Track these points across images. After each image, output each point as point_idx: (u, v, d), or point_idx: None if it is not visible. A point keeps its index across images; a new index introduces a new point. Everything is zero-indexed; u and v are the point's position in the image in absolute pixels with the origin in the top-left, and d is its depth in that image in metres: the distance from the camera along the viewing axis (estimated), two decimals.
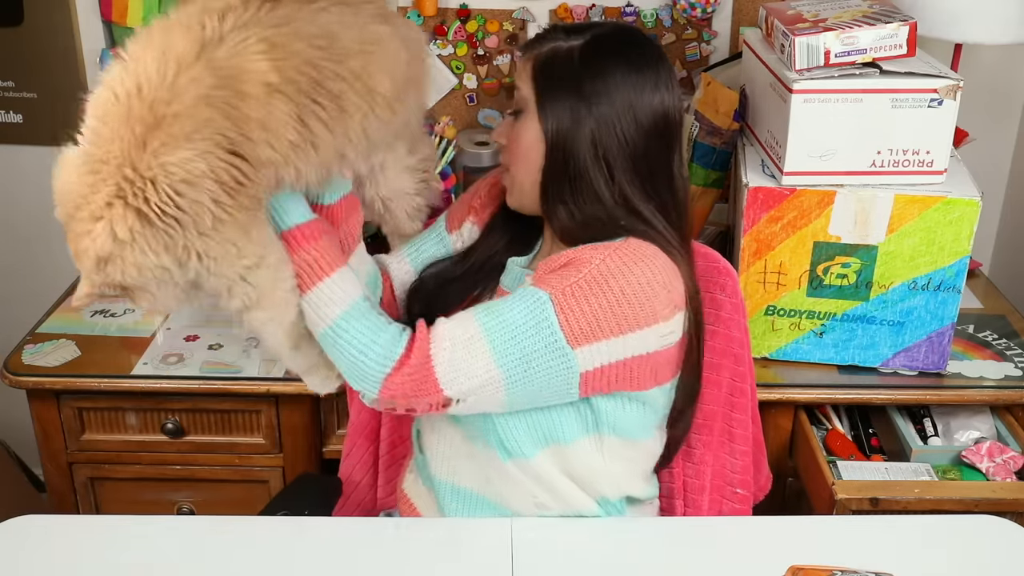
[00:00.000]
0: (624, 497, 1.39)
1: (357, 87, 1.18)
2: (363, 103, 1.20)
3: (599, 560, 1.30)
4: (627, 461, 1.36)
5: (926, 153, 1.64)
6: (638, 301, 1.23)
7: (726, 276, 1.45)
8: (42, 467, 1.87)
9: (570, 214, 1.29)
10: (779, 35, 1.68)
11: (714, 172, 1.92)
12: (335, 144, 1.18)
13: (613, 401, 1.29)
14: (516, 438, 1.30)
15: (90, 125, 1.17)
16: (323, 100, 1.15)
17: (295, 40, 1.14)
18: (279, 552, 1.32)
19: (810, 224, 1.68)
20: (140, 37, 1.16)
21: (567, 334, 1.21)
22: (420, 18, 2.22)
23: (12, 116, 2.32)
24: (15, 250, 2.46)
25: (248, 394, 1.77)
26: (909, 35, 1.60)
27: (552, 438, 1.31)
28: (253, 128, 1.11)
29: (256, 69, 1.11)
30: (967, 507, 1.57)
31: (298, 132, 1.14)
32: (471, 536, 1.34)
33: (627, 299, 1.22)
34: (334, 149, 1.19)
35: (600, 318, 1.21)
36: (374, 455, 1.61)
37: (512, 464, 1.32)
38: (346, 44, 1.18)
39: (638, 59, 1.28)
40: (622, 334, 1.23)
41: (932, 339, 1.74)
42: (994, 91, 2.28)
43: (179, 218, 1.10)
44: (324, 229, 1.25)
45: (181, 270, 1.15)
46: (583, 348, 1.22)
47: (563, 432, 1.31)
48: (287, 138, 1.13)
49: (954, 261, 1.68)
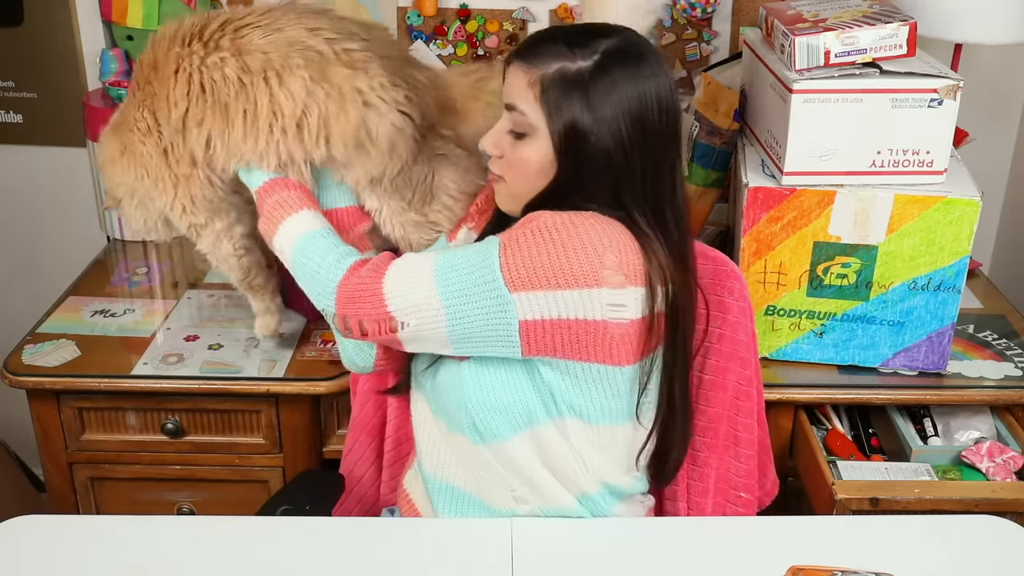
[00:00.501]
0: (604, 489, 1.36)
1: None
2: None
3: (599, 560, 1.30)
4: (598, 448, 1.34)
5: (926, 153, 1.64)
6: (578, 258, 1.22)
7: (734, 279, 1.45)
8: (42, 467, 1.87)
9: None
10: (779, 35, 1.68)
11: (714, 172, 1.92)
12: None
13: (565, 376, 1.28)
14: (488, 419, 1.30)
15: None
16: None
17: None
18: (279, 552, 1.32)
19: (810, 224, 1.68)
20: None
21: (506, 277, 1.23)
22: (420, 18, 2.23)
23: (12, 116, 2.32)
24: (15, 250, 2.46)
25: (248, 394, 1.77)
26: (909, 35, 1.60)
27: (523, 419, 1.31)
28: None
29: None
30: (967, 507, 1.57)
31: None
32: (471, 536, 1.34)
33: (567, 253, 1.22)
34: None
35: (539, 266, 1.22)
36: (376, 451, 1.61)
37: (487, 449, 1.32)
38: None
39: (648, 75, 1.26)
40: (560, 288, 1.22)
41: (932, 339, 1.74)
42: (994, 91, 2.28)
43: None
44: (307, 189, 1.46)
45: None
46: (520, 294, 1.23)
47: (530, 412, 1.31)
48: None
49: (954, 261, 1.68)
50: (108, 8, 2.18)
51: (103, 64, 2.20)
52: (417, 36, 2.25)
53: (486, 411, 1.31)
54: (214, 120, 1.46)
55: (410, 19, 2.23)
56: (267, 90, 1.43)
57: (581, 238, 1.23)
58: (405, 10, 2.23)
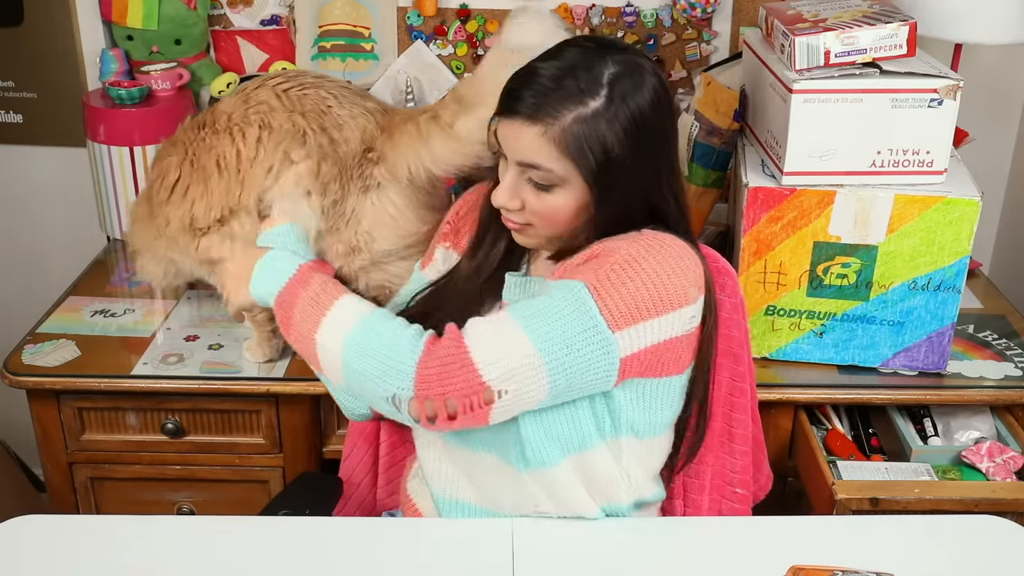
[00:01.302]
0: (635, 501, 1.38)
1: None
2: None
3: (599, 560, 1.30)
4: (640, 462, 1.36)
5: (926, 153, 1.64)
6: (671, 281, 1.23)
7: (726, 276, 1.45)
8: (42, 467, 1.87)
9: (600, 233, 1.29)
10: (779, 35, 1.68)
11: (714, 172, 1.92)
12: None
13: (633, 394, 1.29)
14: (541, 447, 1.29)
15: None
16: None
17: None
18: (279, 552, 1.32)
19: (810, 224, 1.68)
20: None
21: (607, 319, 1.21)
22: (420, 18, 2.22)
23: (12, 116, 2.32)
24: (15, 250, 2.46)
25: (248, 394, 1.77)
26: (909, 35, 1.60)
27: (576, 444, 1.30)
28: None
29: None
30: (967, 507, 1.57)
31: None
32: (472, 537, 1.34)
33: (661, 280, 1.22)
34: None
35: (639, 299, 1.21)
36: (374, 457, 1.61)
37: (528, 475, 1.31)
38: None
39: (649, 79, 1.25)
40: (659, 315, 1.23)
41: (932, 339, 1.74)
42: (994, 91, 2.28)
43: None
44: (321, 267, 1.42)
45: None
46: (623, 332, 1.21)
47: (583, 437, 1.30)
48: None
49: (954, 261, 1.68)
50: (108, 8, 2.18)
51: (103, 64, 2.20)
52: (417, 36, 2.25)
53: (540, 440, 1.29)
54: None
55: (410, 19, 2.23)
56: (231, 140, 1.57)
57: (667, 262, 1.24)
58: (405, 10, 2.23)
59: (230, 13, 2.25)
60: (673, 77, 2.26)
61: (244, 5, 2.24)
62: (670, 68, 2.25)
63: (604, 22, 2.22)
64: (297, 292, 1.35)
